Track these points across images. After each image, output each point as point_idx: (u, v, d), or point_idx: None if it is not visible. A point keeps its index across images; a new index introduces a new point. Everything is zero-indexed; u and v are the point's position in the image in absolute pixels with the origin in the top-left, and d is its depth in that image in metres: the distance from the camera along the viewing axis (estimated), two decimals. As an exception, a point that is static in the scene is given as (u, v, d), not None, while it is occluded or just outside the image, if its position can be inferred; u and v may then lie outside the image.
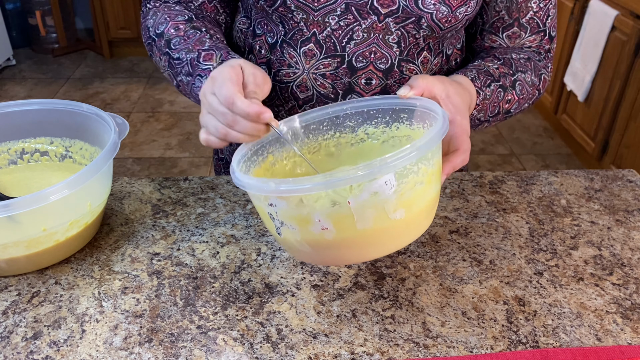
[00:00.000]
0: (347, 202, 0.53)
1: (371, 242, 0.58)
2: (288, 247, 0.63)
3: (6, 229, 0.68)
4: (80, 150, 0.86)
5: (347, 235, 0.56)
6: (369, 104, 0.71)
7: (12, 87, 3.45)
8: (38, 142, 0.86)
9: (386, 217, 0.55)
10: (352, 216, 0.54)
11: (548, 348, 0.64)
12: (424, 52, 0.81)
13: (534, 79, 0.85)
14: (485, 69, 0.80)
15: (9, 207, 0.62)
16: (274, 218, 0.58)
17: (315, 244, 0.58)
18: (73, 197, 0.68)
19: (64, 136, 0.86)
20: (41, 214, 0.67)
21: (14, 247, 0.69)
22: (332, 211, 0.55)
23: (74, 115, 0.82)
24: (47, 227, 0.69)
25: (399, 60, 0.80)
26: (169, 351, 0.63)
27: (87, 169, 0.68)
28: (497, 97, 0.80)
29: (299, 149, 0.69)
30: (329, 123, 0.72)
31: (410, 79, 0.69)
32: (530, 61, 0.86)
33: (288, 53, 0.80)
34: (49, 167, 0.87)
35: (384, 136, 0.72)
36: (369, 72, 0.79)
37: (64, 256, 0.75)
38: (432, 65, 0.83)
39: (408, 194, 0.55)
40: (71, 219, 0.71)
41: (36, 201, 0.64)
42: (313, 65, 0.80)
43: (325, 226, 0.55)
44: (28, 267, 0.72)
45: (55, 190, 0.64)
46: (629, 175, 0.98)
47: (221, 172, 1.07)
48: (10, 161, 0.86)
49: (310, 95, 0.82)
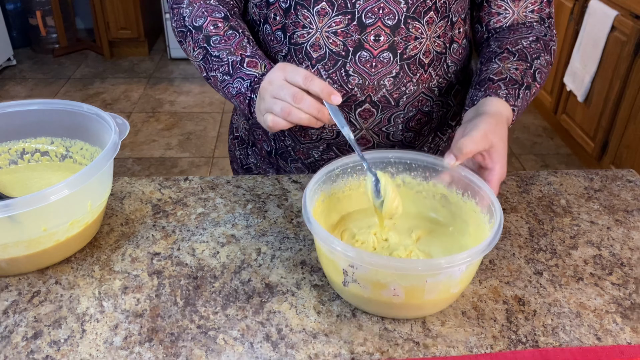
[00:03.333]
0: (425, 281, 0.62)
1: (429, 308, 0.67)
2: (348, 296, 0.69)
3: (7, 229, 0.68)
4: (80, 150, 0.86)
5: (413, 302, 0.65)
6: (411, 157, 0.79)
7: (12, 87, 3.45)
8: (38, 142, 0.86)
9: (448, 291, 0.65)
10: (424, 290, 0.63)
11: (548, 348, 0.64)
12: (430, 11, 0.84)
13: (547, 57, 0.88)
14: (509, 77, 0.83)
15: (9, 207, 0.62)
16: (347, 274, 0.65)
17: (379, 303, 0.66)
18: (73, 197, 0.68)
19: (65, 136, 0.86)
20: (42, 214, 0.67)
21: (15, 247, 0.69)
22: (409, 285, 0.63)
23: (74, 115, 0.83)
24: (47, 227, 0.69)
25: (406, 17, 0.83)
26: (169, 351, 0.63)
27: (88, 169, 0.68)
28: (525, 99, 0.83)
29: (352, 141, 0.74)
30: (372, 166, 0.78)
31: (456, 143, 0.72)
32: (539, 41, 0.88)
33: (302, 14, 0.84)
34: (50, 167, 0.87)
35: (418, 187, 0.80)
36: (377, 28, 0.83)
37: (65, 256, 0.75)
38: (436, 27, 0.86)
39: (466, 275, 0.65)
40: (71, 218, 0.71)
41: (36, 201, 0.64)
42: (326, 24, 0.83)
43: (398, 294, 0.63)
44: (28, 267, 0.72)
45: (56, 190, 0.65)
46: (629, 175, 0.98)
47: (235, 150, 1.11)
48: (10, 161, 0.86)
49: (323, 53, 0.85)
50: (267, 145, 1.01)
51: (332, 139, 0.92)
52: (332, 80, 0.86)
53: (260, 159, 1.06)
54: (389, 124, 0.91)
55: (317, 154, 0.95)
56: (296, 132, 0.94)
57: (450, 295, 0.66)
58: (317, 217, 0.71)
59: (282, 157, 1.00)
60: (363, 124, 0.90)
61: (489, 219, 0.70)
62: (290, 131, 0.94)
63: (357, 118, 0.89)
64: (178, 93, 3.46)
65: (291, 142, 0.96)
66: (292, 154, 0.98)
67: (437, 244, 0.76)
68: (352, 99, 0.87)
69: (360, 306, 0.68)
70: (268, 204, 0.88)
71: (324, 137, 0.92)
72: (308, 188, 0.70)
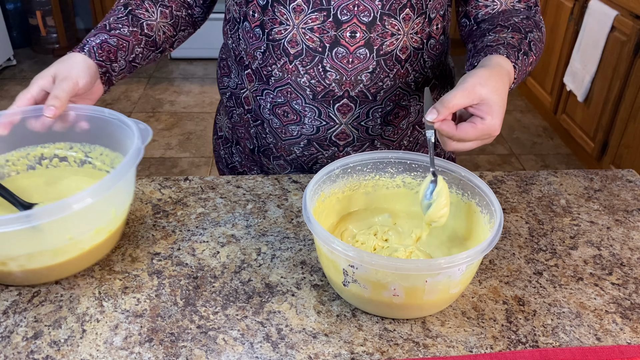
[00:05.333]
0: (425, 281, 0.62)
1: (429, 309, 0.67)
2: (348, 296, 0.68)
3: (31, 238, 0.66)
4: (100, 155, 0.85)
5: (413, 302, 0.65)
6: (412, 157, 0.78)
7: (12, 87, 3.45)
8: (57, 148, 0.85)
9: (447, 291, 0.65)
10: (424, 290, 0.63)
11: (547, 348, 0.64)
12: (406, 8, 0.85)
13: (539, 34, 0.88)
14: (506, 42, 0.82)
15: (30, 217, 0.61)
16: (347, 274, 0.65)
17: (380, 303, 0.66)
18: (98, 205, 0.66)
19: (84, 141, 0.84)
20: (66, 222, 0.65)
21: (40, 257, 0.67)
22: (409, 285, 0.63)
23: (95, 120, 0.81)
24: (72, 236, 0.68)
25: (381, 14, 0.84)
26: (169, 351, 0.63)
27: (111, 176, 0.66)
28: (524, 64, 0.82)
29: None
30: (372, 166, 0.79)
31: (441, 98, 0.71)
32: (529, 19, 0.89)
33: (279, 11, 0.85)
34: (68, 172, 0.85)
35: (418, 187, 0.79)
36: (353, 25, 0.84)
37: (87, 265, 0.74)
38: (413, 24, 0.86)
39: (466, 275, 0.65)
40: (96, 226, 0.70)
41: (59, 210, 0.62)
42: (302, 20, 0.84)
43: (398, 294, 0.64)
44: (51, 277, 0.71)
45: (79, 198, 0.63)
46: (629, 175, 0.98)
47: (220, 149, 1.13)
48: (29, 166, 0.84)
49: (300, 49, 0.86)
50: (250, 143, 1.02)
51: (312, 134, 0.92)
52: (310, 76, 0.87)
53: (244, 157, 1.06)
54: (368, 118, 0.91)
55: (299, 149, 0.95)
56: (277, 129, 0.94)
57: (450, 296, 0.66)
58: (317, 217, 0.72)
59: (265, 154, 1.00)
60: (342, 119, 0.90)
61: (488, 219, 0.70)
62: (271, 128, 0.95)
63: (336, 113, 0.90)
64: (178, 93, 3.46)
65: (272, 139, 0.96)
66: (274, 151, 0.98)
67: (437, 244, 0.76)
68: (330, 94, 0.88)
69: (360, 306, 0.69)
70: (268, 204, 0.88)
71: (304, 133, 0.92)
72: (308, 188, 0.70)
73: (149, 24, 0.91)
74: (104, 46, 0.85)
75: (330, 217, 0.78)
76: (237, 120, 1.02)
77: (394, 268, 0.60)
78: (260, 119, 0.96)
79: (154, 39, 0.92)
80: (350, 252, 0.61)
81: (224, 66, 1.01)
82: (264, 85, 0.91)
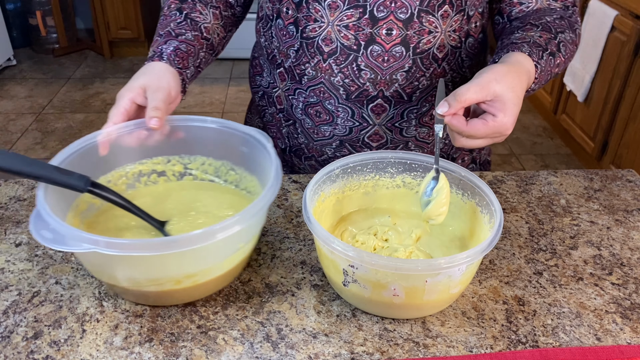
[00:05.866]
0: (425, 281, 0.62)
1: (429, 309, 0.67)
2: (348, 296, 0.68)
3: (179, 261, 0.63)
4: (202, 165, 0.83)
5: (413, 302, 0.65)
6: (412, 157, 0.78)
7: (12, 87, 3.45)
8: (155, 163, 0.81)
9: (447, 292, 0.65)
10: (424, 290, 0.63)
11: (547, 348, 0.64)
12: (445, 5, 0.83)
13: (572, 35, 0.86)
14: (532, 40, 0.80)
15: (177, 242, 0.59)
16: (347, 274, 0.65)
17: (380, 303, 0.66)
18: (243, 230, 0.64)
19: (183, 153, 0.82)
20: (208, 248, 0.62)
21: (182, 279, 0.65)
22: (409, 285, 0.63)
23: (194, 130, 0.79)
24: (209, 263, 0.66)
25: (419, 11, 0.82)
26: (169, 351, 0.63)
27: (257, 202, 0.64)
28: (549, 64, 0.80)
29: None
30: (372, 166, 0.79)
31: (455, 91, 0.69)
32: (563, 19, 0.86)
33: (314, 8, 0.84)
34: (194, 186, 0.83)
35: (418, 187, 0.79)
36: (389, 22, 0.82)
37: (220, 287, 0.71)
38: (451, 21, 0.84)
39: (466, 275, 0.65)
40: (236, 249, 0.68)
41: (206, 237, 0.60)
42: (337, 17, 0.83)
43: (398, 294, 0.64)
44: (184, 299, 0.69)
45: (226, 226, 0.61)
46: (629, 175, 0.98)
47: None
48: (128, 185, 0.81)
49: (335, 47, 0.85)
50: (282, 142, 1.01)
51: (345, 135, 0.91)
52: (344, 75, 0.85)
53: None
54: (402, 119, 0.90)
55: (331, 150, 0.95)
56: (309, 129, 0.94)
57: (450, 296, 0.66)
58: (317, 217, 0.71)
59: (296, 154, 1.00)
60: (376, 120, 0.89)
61: (488, 218, 0.70)
62: (303, 128, 0.94)
63: (370, 114, 0.89)
64: (178, 93, 3.46)
65: (304, 139, 0.95)
66: (305, 152, 0.97)
67: (437, 244, 0.76)
68: (364, 94, 0.87)
69: (360, 306, 0.68)
70: (268, 204, 0.88)
71: (337, 134, 0.92)
72: (308, 188, 0.70)
73: (205, 27, 0.90)
74: (178, 53, 0.83)
75: (330, 217, 0.78)
76: (269, 119, 1.01)
77: (394, 268, 0.60)
78: (292, 119, 0.95)
79: (212, 42, 0.91)
80: (350, 252, 0.61)
81: (256, 65, 1.01)
82: (297, 85, 0.90)
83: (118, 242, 0.58)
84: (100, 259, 0.63)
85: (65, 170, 0.67)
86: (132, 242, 0.60)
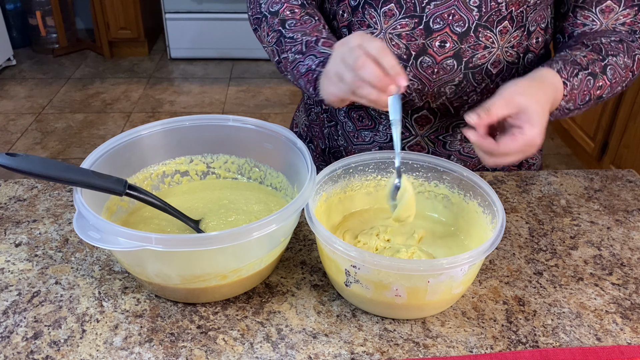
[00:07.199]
0: (427, 281, 0.62)
1: (431, 309, 0.67)
2: (349, 296, 0.68)
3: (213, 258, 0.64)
4: (225, 164, 0.83)
5: (415, 303, 0.65)
6: (413, 157, 0.78)
7: (12, 87, 3.45)
8: (177, 163, 0.82)
9: (449, 292, 0.65)
10: (426, 290, 0.63)
11: (548, 348, 0.64)
12: (505, 21, 0.81)
13: (627, 60, 0.82)
14: (572, 59, 0.78)
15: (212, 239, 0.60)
16: (349, 274, 0.65)
17: (381, 303, 0.66)
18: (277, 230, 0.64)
19: (206, 152, 0.82)
20: (243, 246, 0.63)
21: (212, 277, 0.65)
22: (411, 285, 0.63)
23: (214, 128, 0.80)
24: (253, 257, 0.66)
25: (477, 25, 0.80)
26: (169, 351, 0.63)
27: (294, 202, 0.65)
28: (587, 85, 0.78)
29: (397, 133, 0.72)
30: (374, 166, 0.79)
31: (485, 104, 0.68)
32: (622, 43, 0.83)
33: (369, 13, 0.83)
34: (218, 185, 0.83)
35: (420, 188, 0.80)
36: (444, 34, 0.81)
37: (249, 287, 0.71)
38: (510, 37, 0.83)
39: (468, 276, 0.65)
40: (269, 250, 0.68)
41: (240, 237, 0.60)
42: (391, 25, 0.82)
43: (400, 294, 0.64)
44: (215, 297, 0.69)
45: (261, 225, 0.61)
46: (629, 175, 0.98)
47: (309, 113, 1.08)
48: (153, 187, 0.81)
49: None
50: (322, 142, 1.01)
51: (385, 142, 0.90)
52: None
53: (316, 156, 1.06)
54: (447, 132, 0.88)
55: None
56: (349, 133, 0.93)
57: (452, 296, 0.66)
58: (319, 217, 0.72)
59: (335, 156, 1.00)
60: (419, 131, 0.88)
61: (491, 219, 0.70)
62: (344, 131, 0.94)
63: (413, 124, 0.87)
64: (178, 93, 3.46)
65: (344, 142, 0.95)
66: (343, 155, 0.97)
67: (440, 244, 0.76)
68: (410, 104, 0.85)
69: (361, 306, 0.69)
70: (268, 204, 0.88)
71: (377, 141, 0.91)
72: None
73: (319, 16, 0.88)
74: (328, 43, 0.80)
75: (332, 217, 0.78)
76: (313, 118, 1.01)
77: (396, 268, 0.60)
78: (334, 120, 0.95)
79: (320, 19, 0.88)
80: (353, 252, 0.61)
81: None
82: None
83: (170, 238, 0.59)
84: (150, 257, 0.63)
85: (102, 175, 0.67)
86: (185, 238, 0.61)
